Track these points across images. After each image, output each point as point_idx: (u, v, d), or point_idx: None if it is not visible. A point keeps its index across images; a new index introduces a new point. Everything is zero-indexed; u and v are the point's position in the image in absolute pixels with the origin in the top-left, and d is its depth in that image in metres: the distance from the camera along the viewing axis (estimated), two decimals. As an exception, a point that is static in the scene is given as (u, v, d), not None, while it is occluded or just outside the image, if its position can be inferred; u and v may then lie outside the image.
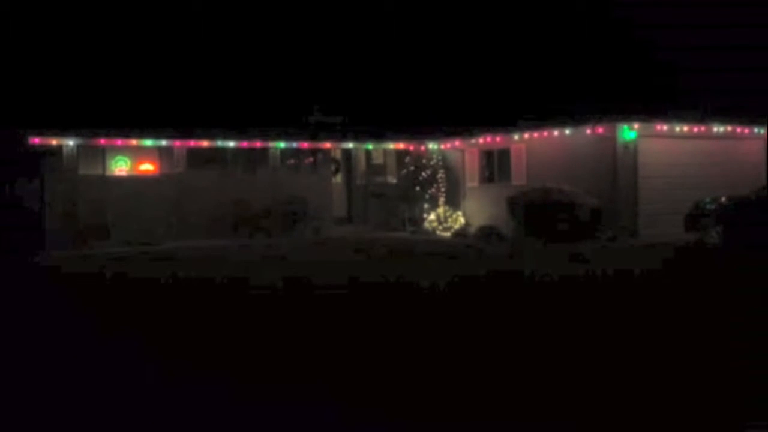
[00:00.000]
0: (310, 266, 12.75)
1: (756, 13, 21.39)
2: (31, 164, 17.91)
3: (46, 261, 14.77)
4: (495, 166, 20.89)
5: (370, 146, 22.83)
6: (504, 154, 20.50)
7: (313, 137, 22.00)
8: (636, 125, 17.41)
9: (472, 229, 20.13)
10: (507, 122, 20.43)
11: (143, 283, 11.18)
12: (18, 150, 17.90)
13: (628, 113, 17.42)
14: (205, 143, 20.53)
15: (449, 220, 20.91)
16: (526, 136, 19.62)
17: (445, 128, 22.18)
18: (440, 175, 21.76)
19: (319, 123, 23.68)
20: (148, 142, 19.97)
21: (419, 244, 17.24)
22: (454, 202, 21.69)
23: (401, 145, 23.00)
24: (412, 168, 21.84)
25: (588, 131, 17.98)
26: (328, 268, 12.56)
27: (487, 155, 21.22)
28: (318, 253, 15.47)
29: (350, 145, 22.53)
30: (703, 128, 18.41)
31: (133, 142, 19.82)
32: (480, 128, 21.08)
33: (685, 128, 18.17)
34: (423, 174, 21.61)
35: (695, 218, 15.63)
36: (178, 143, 20.20)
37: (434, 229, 20.84)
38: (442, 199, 21.65)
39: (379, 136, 22.65)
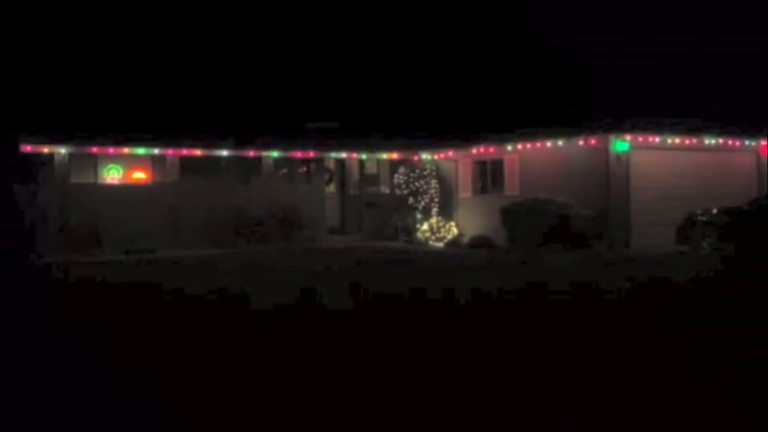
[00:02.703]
0: (302, 276, 12.71)
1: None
2: (23, 170, 17.83)
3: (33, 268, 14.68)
4: (488, 176, 20.95)
5: (364, 156, 22.85)
6: (497, 164, 20.55)
7: (307, 146, 22.00)
8: (628, 137, 17.50)
9: (465, 240, 20.15)
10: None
11: (121, 290, 11.13)
12: (10, 154, 17.82)
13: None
14: (198, 152, 20.49)
15: (442, 230, 20.92)
16: (520, 147, 19.69)
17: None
18: (433, 185, 21.79)
19: (317, 130, 23.67)
20: (141, 151, 19.92)
21: (412, 254, 17.23)
22: (447, 212, 21.72)
23: (395, 155, 23.03)
24: (405, 178, 21.87)
25: (581, 142, 18.06)
26: (320, 277, 12.52)
27: (481, 166, 21.27)
28: (310, 262, 15.43)
29: (343, 154, 22.53)
30: (695, 140, 18.53)
31: (126, 150, 19.76)
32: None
33: (677, 140, 18.27)
34: (416, 184, 21.64)
35: (687, 230, 15.69)
36: (171, 152, 20.16)
37: (427, 239, 20.84)
38: (435, 210, 21.67)
39: (373, 144, 22.67)
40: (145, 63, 26.77)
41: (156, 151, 20.03)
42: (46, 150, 18.81)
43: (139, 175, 20.43)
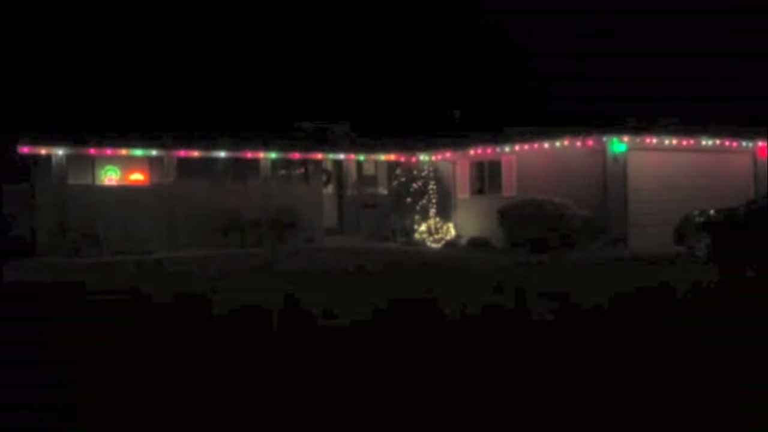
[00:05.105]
0: (299, 278, 12.71)
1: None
2: (20, 171, 17.82)
3: (27, 270, 14.69)
4: (486, 177, 20.93)
5: (362, 157, 22.84)
6: (495, 165, 20.54)
7: (305, 147, 21.98)
8: (626, 138, 17.49)
9: (463, 241, 20.14)
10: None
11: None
12: (7, 156, 17.82)
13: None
14: (195, 153, 20.47)
15: (440, 231, 20.91)
16: (517, 148, 19.67)
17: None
18: (431, 186, 21.76)
19: (315, 130, 23.63)
20: (138, 152, 19.89)
21: (409, 255, 17.23)
22: (444, 213, 21.70)
23: (392, 156, 23.01)
24: (403, 179, 21.85)
25: (578, 144, 18.05)
26: (315, 281, 12.51)
27: (478, 167, 21.25)
28: (307, 264, 15.44)
29: (341, 155, 22.52)
30: (692, 141, 18.51)
31: (123, 151, 19.73)
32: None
33: (674, 141, 18.26)
34: (414, 185, 21.62)
35: (684, 231, 15.67)
36: (168, 153, 20.12)
37: (425, 240, 20.83)
38: (432, 211, 21.64)
39: (372, 145, 22.66)
40: (142, 64, 26.76)
41: (153, 152, 20.01)
42: (43, 151, 18.77)
43: (137, 177, 20.41)
